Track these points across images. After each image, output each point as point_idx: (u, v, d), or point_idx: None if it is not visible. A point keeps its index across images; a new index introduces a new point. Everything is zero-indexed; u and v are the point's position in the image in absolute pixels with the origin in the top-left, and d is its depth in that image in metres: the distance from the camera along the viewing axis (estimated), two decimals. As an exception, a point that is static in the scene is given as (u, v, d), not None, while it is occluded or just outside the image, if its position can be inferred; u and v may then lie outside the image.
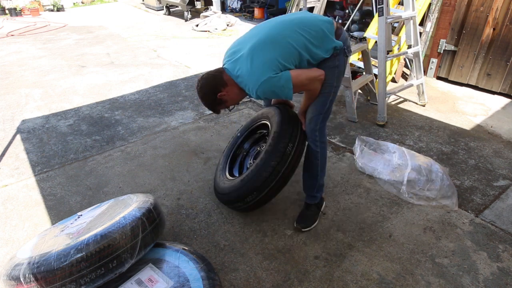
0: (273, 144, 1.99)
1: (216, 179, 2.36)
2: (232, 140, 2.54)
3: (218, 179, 2.34)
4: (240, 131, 2.53)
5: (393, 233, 2.12)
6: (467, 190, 2.48)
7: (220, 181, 2.28)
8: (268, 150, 1.99)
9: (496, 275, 1.85)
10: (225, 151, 2.53)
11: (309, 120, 2.01)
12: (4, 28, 7.67)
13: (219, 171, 2.39)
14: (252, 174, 2.00)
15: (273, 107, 2.26)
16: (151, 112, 3.70)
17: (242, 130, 2.52)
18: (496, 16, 3.67)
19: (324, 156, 2.09)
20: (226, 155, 2.49)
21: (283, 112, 2.14)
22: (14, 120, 3.61)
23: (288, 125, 2.04)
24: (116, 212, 1.74)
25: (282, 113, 2.13)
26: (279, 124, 2.07)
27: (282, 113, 2.13)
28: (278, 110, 2.18)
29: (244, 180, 2.03)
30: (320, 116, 1.98)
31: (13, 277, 1.49)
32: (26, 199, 2.47)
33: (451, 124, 3.35)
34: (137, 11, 9.44)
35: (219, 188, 2.25)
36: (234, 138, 2.54)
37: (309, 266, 1.91)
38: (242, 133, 2.51)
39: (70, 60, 5.42)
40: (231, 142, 2.54)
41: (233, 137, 2.56)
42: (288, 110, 2.18)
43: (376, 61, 3.71)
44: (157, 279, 1.54)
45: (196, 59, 5.38)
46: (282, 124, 2.05)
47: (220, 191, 2.24)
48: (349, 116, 3.43)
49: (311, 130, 2.01)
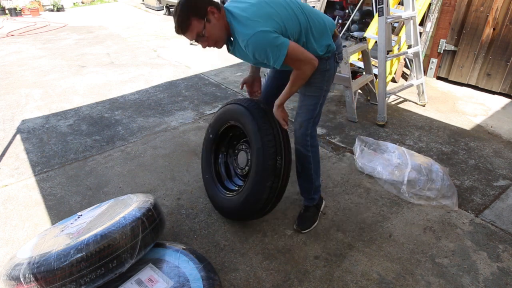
0: (261, 162, 1.86)
1: (210, 192, 2.28)
2: (206, 143, 2.35)
3: (213, 192, 2.25)
4: (211, 132, 2.30)
5: (393, 233, 2.12)
6: (467, 190, 2.48)
7: (217, 196, 2.21)
8: (259, 170, 1.88)
9: (496, 275, 1.85)
10: (203, 155, 2.36)
11: (299, 125, 1.96)
12: (4, 28, 7.67)
13: (210, 183, 2.28)
14: (251, 198, 1.92)
15: (239, 107, 2.03)
16: (151, 112, 3.70)
17: (213, 132, 2.29)
18: (496, 16, 3.67)
19: (316, 160, 2.07)
20: (207, 161, 2.33)
21: (257, 117, 1.92)
22: (14, 120, 3.61)
23: (269, 135, 1.87)
24: (116, 212, 1.74)
25: (256, 120, 1.91)
26: (259, 136, 1.88)
27: (256, 119, 1.91)
28: (250, 114, 1.95)
29: (245, 204, 1.96)
30: (311, 121, 1.95)
31: (13, 277, 1.49)
32: (26, 199, 2.47)
33: (451, 124, 3.35)
34: (137, 11, 9.44)
35: (218, 204, 2.21)
36: (207, 140, 2.33)
37: (309, 266, 1.91)
38: (213, 135, 2.30)
39: (70, 60, 5.42)
40: (206, 145, 2.35)
41: (205, 139, 2.35)
42: (261, 110, 1.96)
43: (376, 61, 3.71)
44: (157, 279, 1.54)
45: (196, 59, 5.38)
46: (261, 135, 1.87)
47: (219, 207, 2.21)
48: (349, 116, 3.43)
49: (302, 134, 1.97)
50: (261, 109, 1.96)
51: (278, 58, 1.62)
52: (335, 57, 1.89)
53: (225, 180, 2.31)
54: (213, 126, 2.28)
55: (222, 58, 5.32)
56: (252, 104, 2.00)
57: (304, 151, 2.00)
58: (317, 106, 1.93)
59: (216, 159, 2.34)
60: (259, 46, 1.60)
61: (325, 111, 3.62)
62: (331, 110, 3.65)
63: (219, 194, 2.20)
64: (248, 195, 1.94)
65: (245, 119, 1.97)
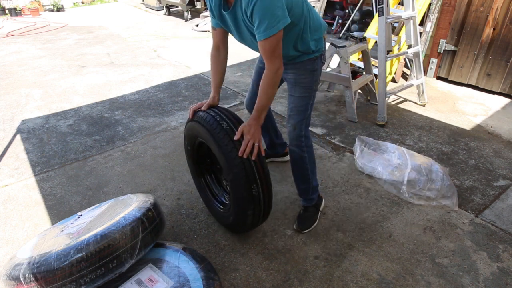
0: (237, 193, 1.75)
1: (208, 202, 2.24)
2: (187, 153, 2.22)
3: (210, 203, 2.21)
4: (188, 144, 2.13)
5: (393, 233, 2.12)
6: (467, 190, 2.48)
7: (213, 207, 2.18)
8: (236, 199, 1.78)
9: (496, 275, 1.85)
10: (189, 165, 2.27)
11: (293, 127, 1.96)
12: (4, 28, 7.67)
13: (207, 196, 2.22)
14: (238, 222, 1.90)
15: (202, 128, 1.80)
16: (151, 112, 3.70)
17: (190, 144, 2.11)
18: (496, 16, 3.67)
19: (312, 160, 2.07)
20: (194, 171, 2.25)
21: (222, 143, 1.68)
22: (14, 120, 3.61)
23: (239, 166, 1.65)
24: (116, 212, 1.74)
25: (221, 148, 1.68)
26: (227, 167, 1.70)
27: (221, 147, 1.68)
28: (214, 141, 1.72)
29: (234, 224, 1.96)
30: (304, 122, 1.96)
31: (13, 277, 1.49)
32: (26, 199, 2.47)
33: (451, 124, 3.35)
34: (137, 11, 9.44)
35: (215, 214, 2.19)
36: (187, 151, 2.20)
37: (309, 266, 1.91)
38: (191, 147, 2.13)
39: (70, 60, 5.42)
40: (187, 155, 2.23)
41: (185, 149, 2.21)
42: (224, 132, 1.69)
43: (376, 61, 3.71)
44: (157, 279, 1.54)
45: (196, 59, 5.38)
46: (230, 166, 1.68)
47: (217, 218, 2.19)
48: (349, 116, 3.43)
49: (296, 136, 1.97)
50: (225, 130, 1.69)
51: (271, 28, 1.53)
52: (321, 57, 1.92)
53: (217, 194, 2.23)
54: (188, 139, 2.10)
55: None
56: (215, 125, 1.72)
57: (299, 152, 2.01)
58: (308, 107, 1.95)
59: (201, 170, 2.24)
60: (264, 4, 1.49)
61: (325, 111, 3.62)
62: (331, 110, 3.65)
63: (214, 205, 2.18)
64: (233, 219, 1.92)
65: (210, 144, 1.79)
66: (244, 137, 1.65)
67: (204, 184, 2.24)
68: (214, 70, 1.98)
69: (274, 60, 1.63)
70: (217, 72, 1.98)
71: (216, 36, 1.92)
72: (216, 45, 1.95)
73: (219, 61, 1.97)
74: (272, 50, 1.61)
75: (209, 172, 2.25)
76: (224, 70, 1.98)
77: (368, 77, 3.55)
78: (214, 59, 1.98)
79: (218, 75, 1.98)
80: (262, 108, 1.71)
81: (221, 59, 1.98)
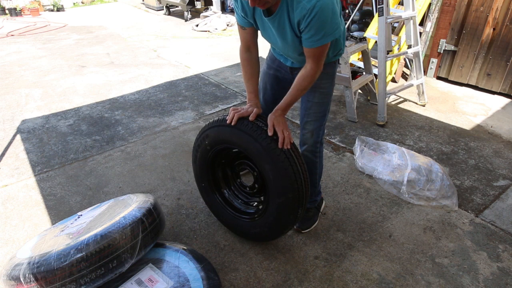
0: (283, 196, 1.69)
1: (218, 210, 2.10)
2: (202, 151, 1.95)
3: (221, 211, 2.08)
4: (209, 144, 1.89)
5: (393, 233, 2.12)
6: (467, 190, 2.48)
7: (231, 219, 2.05)
8: (283, 204, 1.71)
9: (496, 275, 1.85)
10: (198, 163, 2.03)
11: (310, 133, 1.92)
12: (4, 28, 7.67)
13: (216, 205, 2.09)
14: (280, 227, 1.81)
15: (244, 135, 1.68)
16: (151, 112, 3.70)
17: (212, 143, 1.87)
18: (496, 16, 3.67)
19: (321, 165, 2.08)
20: (204, 171, 2.04)
21: (273, 153, 1.61)
22: (14, 120, 3.61)
23: (293, 192, 1.64)
24: (116, 212, 1.74)
25: (271, 157, 1.62)
26: (281, 190, 1.66)
27: (276, 163, 1.62)
28: (265, 152, 1.63)
29: (272, 230, 1.86)
30: (322, 128, 1.93)
31: (13, 277, 1.49)
32: (26, 199, 2.47)
33: (451, 124, 3.35)
34: (137, 11, 9.44)
35: (237, 227, 2.05)
36: (204, 149, 1.93)
37: (309, 266, 1.91)
38: (210, 147, 1.90)
39: (70, 60, 5.42)
40: (202, 153, 1.96)
41: (200, 146, 1.94)
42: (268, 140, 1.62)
43: (376, 61, 3.71)
44: (157, 279, 1.55)
45: (196, 59, 5.38)
46: (284, 191, 1.66)
47: (239, 232, 2.06)
48: (349, 116, 3.43)
49: (313, 142, 1.94)
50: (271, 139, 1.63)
51: (326, 37, 1.50)
52: (338, 60, 1.91)
53: (235, 202, 2.10)
54: (213, 141, 1.86)
55: (222, 58, 5.32)
56: (264, 136, 1.64)
57: (312, 158, 1.99)
58: (326, 112, 1.92)
59: (215, 173, 2.08)
60: (323, 13, 1.43)
61: (325, 111, 3.62)
62: (331, 110, 3.65)
63: (235, 217, 2.04)
64: (274, 225, 1.81)
65: (252, 153, 1.71)
66: (277, 129, 1.61)
67: (219, 201, 2.08)
68: (249, 74, 1.80)
69: (320, 62, 1.61)
70: (253, 75, 1.81)
71: (246, 35, 1.75)
72: (247, 45, 1.78)
73: (253, 63, 1.81)
74: (321, 55, 1.60)
75: (226, 183, 2.11)
76: (259, 72, 1.83)
77: (368, 77, 3.55)
78: (247, 62, 1.80)
79: (255, 79, 1.82)
80: (292, 102, 1.70)
81: (254, 61, 1.82)
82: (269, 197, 1.77)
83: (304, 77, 1.64)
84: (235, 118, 1.68)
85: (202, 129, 1.87)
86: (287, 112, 1.72)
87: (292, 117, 3.52)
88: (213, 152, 1.92)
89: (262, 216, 1.88)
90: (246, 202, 2.07)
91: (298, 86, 1.66)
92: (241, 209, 2.05)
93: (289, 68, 1.91)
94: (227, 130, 1.73)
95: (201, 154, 1.96)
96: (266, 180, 1.73)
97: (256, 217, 1.94)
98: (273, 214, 1.78)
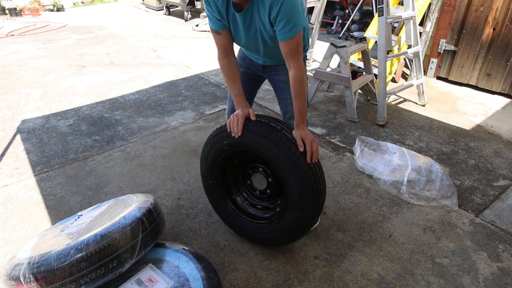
0: (304, 198, 1.67)
1: (236, 222, 2.04)
2: (217, 150, 1.85)
3: (240, 222, 2.01)
4: (227, 144, 1.80)
5: (393, 233, 2.12)
6: (467, 190, 2.48)
7: (245, 225, 2.00)
8: (303, 206, 1.70)
9: (496, 275, 1.85)
10: (209, 161, 1.93)
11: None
12: (4, 28, 7.67)
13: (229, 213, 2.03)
14: (299, 229, 1.79)
15: (258, 137, 1.65)
16: (151, 112, 3.70)
17: (233, 145, 1.78)
18: (496, 16, 3.67)
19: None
20: (213, 171, 1.97)
21: (289, 151, 1.60)
22: (14, 120, 3.61)
23: (306, 170, 1.61)
24: (116, 212, 1.74)
25: (288, 156, 1.60)
26: (295, 174, 1.62)
27: (289, 155, 1.60)
28: (278, 148, 1.61)
29: (290, 233, 1.83)
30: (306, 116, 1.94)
31: (13, 277, 1.49)
32: (26, 199, 2.47)
33: (451, 124, 3.35)
34: (137, 11, 9.44)
35: (249, 232, 2.00)
36: (220, 149, 1.84)
37: (309, 266, 1.91)
38: (228, 147, 1.81)
39: (70, 60, 5.42)
40: (216, 151, 1.86)
41: (216, 145, 1.84)
42: (290, 141, 1.61)
43: (376, 61, 3.71)
44: (157, 279, 1.55)
45: (196, 59, 5.38)
46: (299, 173, 1.61)
47: (251, 235, 2.01)
48: (349, 116, 3.43)
49: None
50: (290, 140, 1.63)
51: (297, 26, 1.52)
52: (305, 59, 1.95)
53: (248, 208, 2.04)
54: (232, 140, 1.75)
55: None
56: (280, 135, 1.63)
57: None
58: (307, 103, 1.94)
59: (225, 172, 2.02)
60: (290, 3, 1.48)
61: (325, 111, 3.62)
62: (331, 110, 3.65)
63: (248, 223, 1.99)
64: (293, 227, 1.77)
65: (270, 153, 1.67)
66: (306, 143, 1.60)
67: (231, 208, 2.02)
68: (232, 78, 1.78)
69: (299, 57, 1.61)
70: (236, 78, 1.79)
71: (223, 40, 1.73)
72: (224, 51, 1.76)
73: (233, 66, 1.79)
74: (298, 48, 1.59)
75: (239, 190, 2.06)
76: (239, 76, 1.81)
77: (368, 77, 3.55)
78: (228, 66, 1.78)
79: (239, 81, 1.80)
80: (304, 109, 1.67)
81: (234, 64, 1.79)
82: (286, 207, 1.75)
83: (294, 82, 1.64)
84: (240, 128, 1.66)
85: (222, 128, 1.79)
86: (306, 121, 1.70)
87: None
88: (229, 152, 1.85)
89: (274, 224, 1.86)
90: (252, 204, 2.04)
91: (296, 93, 1.65)
92: (248, 211, 2.02)
93: (261, 66, 1.96)
94: (253, 136, 1.67)
95: (215, 152, 1.87)
96: (287, 191, 1.71)
97: (267, 223, 1.91)
98: (288, 224, 1.77)
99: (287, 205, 1.75)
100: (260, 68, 1.98)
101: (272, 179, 1.86)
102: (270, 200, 1.99)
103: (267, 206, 2.00)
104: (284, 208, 1.79)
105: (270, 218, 1.92)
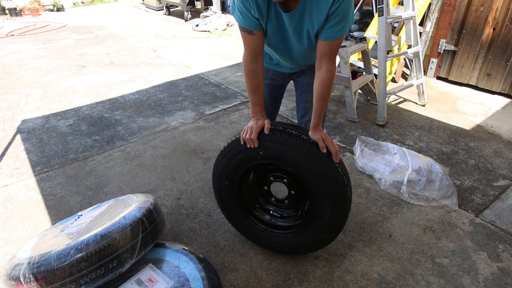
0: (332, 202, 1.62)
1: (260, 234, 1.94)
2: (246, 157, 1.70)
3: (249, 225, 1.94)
4: (263, 156, 1.65)
5: (393, 233, 2.12)
6: (467, 190, 2.48)
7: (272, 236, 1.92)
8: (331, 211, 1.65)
9: (496, 275, 1.85)
10: (231, 165, 1.75)
11: None
12: (4, 28, 7.67)
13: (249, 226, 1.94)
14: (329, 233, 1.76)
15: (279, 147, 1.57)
16: (151, 112, 3.70)
17: (268, 156, 1.65)
18: (496, 16, 3.67)
19: None
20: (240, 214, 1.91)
21: (314, 155, 1.55)
22: (14, 120, 3.61)
23: (333, 171, 1.56)
24: (116, 212, 1.74)
25: (313, 160, 1.55)
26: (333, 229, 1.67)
27: (313, 159, 1.55)
28: (301, 155, 1.55)
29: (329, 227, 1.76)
30: (323, 125, 1.84)
31: (13, 277, 1.49)
32: (26, 199, 2.47)
33: (451, 124, 3.35)
34: (137, 11, 9.44)
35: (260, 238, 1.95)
36: (251, 156, 1.68)
37: (309, 266, 1.91)
38: (264, 158, 1.66)
39: (70, 60, 5.42)
40: (244, 157, 1.70)
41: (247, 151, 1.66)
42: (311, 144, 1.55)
43: (376, 61, 3.71)
44: (157, 279, 1.55)
45: (196, 59, 5.38)
46: (324, 176, 1.56)
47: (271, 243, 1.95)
48: (349, 116, 3.43)
49: None
50: (310, 143, 1.58)
51: (346, 27, 1.45)
52: None
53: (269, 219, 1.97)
54: (270, 151, 1.62)
55: (222, 58, 5.32)
56: (301, 142, 1.56)
57: None
58: (326, 111, 1.83)
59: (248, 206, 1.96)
60: (348, 2, 1.40)
61: (325, 111, 3.62)
62: (331, 110, 3.65)
63: (274, 234, 1.92)
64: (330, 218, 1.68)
65: (293, 161, 1.60)
66: (328, 145, 1.55)
67: (253, 221, 1.94)
68: (256, 86, 1.64)
69: (335, 59, 1.55)
70: (260, 87, 1.64)
71: (255, 41, 1.56)
72: (254, 53, 1.58)
73: (259, 73, 1.63)
74: (337, 50, 1.53)
75: (263, 202, 1.99)
76: (263, 84, 1.67)
77: (368, 77, 3.55)
78: (254, 73, 1.61)
79: (261, 90, 1.66)
80: (322, 113, 1.62)
81: (261, 72, 1.64)
82: (314, 224, 1.73)
83: (323, 83, 1.55)
84: (255, 141, 1.57)
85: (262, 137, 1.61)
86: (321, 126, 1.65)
87: (293, 118, 3.52)
88: (260, 161, 1.70)
89: (296, 234, 1.83)
90: (264, 209, 1.98)
91: (322, 96, 1.57)
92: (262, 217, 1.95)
93: (288, 74, 1.91)
94: (293, 154, 1.57)
95: (243, 157, 1.70)
96: (316, 211, 1.68)
97: (291, 232, 1.86)
98: (314, 237, 1.77)
99: (317, 224, 1.71)
100: (286, 76, 1.91)
101: (294, 192, 1.81)
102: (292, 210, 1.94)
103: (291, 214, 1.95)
104: (310, 223, 1.75)
105: (293, 227, 1.88)
